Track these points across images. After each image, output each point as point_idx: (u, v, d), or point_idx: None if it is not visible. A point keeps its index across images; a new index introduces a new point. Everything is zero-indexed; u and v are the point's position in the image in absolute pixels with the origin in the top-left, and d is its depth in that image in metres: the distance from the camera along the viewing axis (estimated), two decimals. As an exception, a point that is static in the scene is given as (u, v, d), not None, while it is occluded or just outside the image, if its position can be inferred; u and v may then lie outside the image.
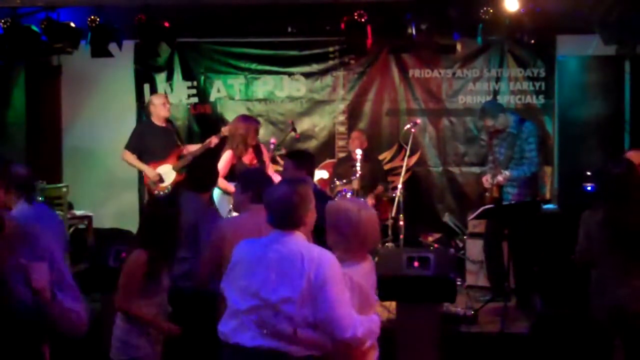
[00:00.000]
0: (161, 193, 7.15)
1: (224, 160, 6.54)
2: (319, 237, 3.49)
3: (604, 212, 4.04)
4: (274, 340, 3.07)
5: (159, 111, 7.28)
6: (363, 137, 7.69)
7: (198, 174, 4.95)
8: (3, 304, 2.48)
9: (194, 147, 7.27)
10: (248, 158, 6.74)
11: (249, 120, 6.87)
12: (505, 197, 6.48)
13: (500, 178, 6.36)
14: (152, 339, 4.06)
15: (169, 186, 7.11)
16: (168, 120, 7.48)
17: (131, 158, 7.25)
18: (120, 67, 8.11)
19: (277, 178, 5.44)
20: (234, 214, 5.44)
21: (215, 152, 6.86)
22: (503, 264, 6.36)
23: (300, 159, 5.10)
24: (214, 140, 6.98)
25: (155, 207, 4.82)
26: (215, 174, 5.12)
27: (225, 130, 6.92)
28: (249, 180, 4.35)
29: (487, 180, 6.56)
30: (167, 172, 7.17)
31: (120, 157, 7.31)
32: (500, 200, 6.47)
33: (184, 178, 5.91)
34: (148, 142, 7.26)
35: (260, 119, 8.17)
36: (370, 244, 3.34)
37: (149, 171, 7.18)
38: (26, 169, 4.51)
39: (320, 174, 7.73)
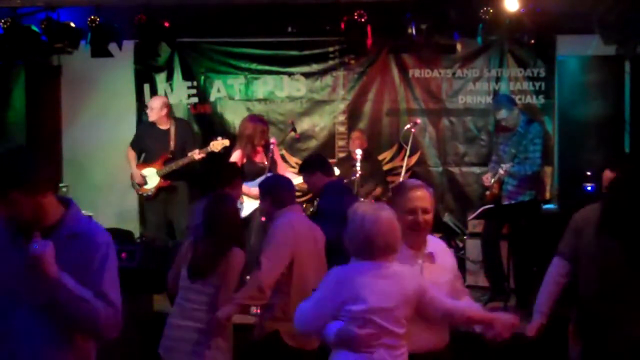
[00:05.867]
0: (144, 195, 7.25)
1: (234, 159, 6.55)
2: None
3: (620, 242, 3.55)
4: None
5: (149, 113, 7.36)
6: (363, 137, 7.69)
7: (202, 179, 4.95)
8: None
9: (196, 154, 6.97)
10: (259, 157, 6.74)
11: (257, 120, 6.86)
12: (504, 191, 6.50)
13: (501, 171, 6.39)
14: (222, 348, 3.99)
15: (153, 189, 7.16)
16: (182, 122, 7.55)
17: (130, 156, 7.34)
18: (120, 67, 8.10)
19: (292, 176, 5.52)
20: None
21: (221, 157, 6.87)
22: (502, 263, 6.37)
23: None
24: (196, 156, 6.92)
25: (224, 204, 4.32)
26: (216, 179, 5.07)
27: (212, 146, 6.87)
28: (263, 188, 4.38)
29: (487, 179, 6.60)
30: (151, 176, 7.18)
31: (120, 157, 7.30)
32: (500, 195, 6.49)
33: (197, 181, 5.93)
34: (145, 142, 7.35)
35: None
36: (393, 246, 3.11)
37: (134, 172, 7.25)
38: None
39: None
